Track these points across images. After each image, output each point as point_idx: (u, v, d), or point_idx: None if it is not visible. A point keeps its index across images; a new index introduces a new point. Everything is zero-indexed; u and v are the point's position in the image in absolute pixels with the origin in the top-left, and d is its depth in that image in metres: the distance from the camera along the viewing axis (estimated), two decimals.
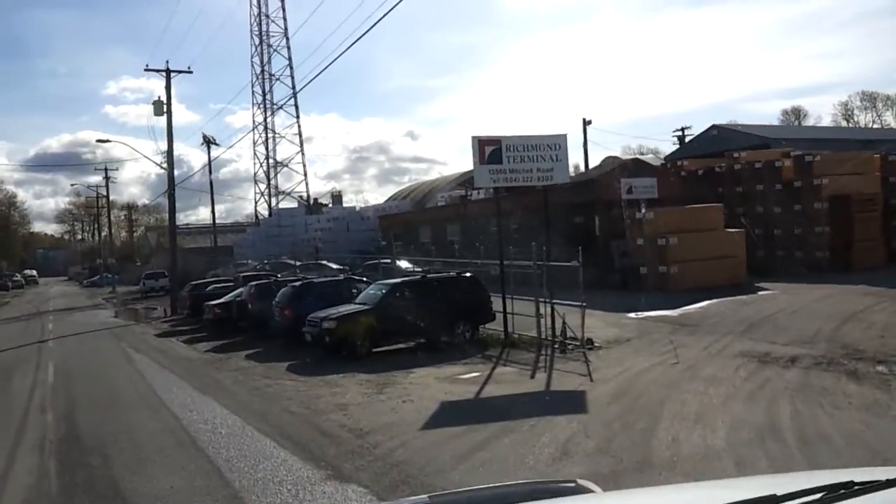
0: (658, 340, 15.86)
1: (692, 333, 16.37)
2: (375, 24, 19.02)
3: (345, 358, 15.79)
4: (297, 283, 19.41)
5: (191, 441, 9.42)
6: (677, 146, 56.53)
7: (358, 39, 28.04)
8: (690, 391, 10.71)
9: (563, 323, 16.17)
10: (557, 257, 17.03)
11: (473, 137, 16.28)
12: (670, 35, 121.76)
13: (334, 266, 36.02)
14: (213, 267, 43.14)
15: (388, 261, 23.93)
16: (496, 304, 16.86)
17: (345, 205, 61.23)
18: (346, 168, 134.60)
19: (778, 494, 1.72)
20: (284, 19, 66.57)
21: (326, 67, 67.97)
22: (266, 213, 66.67)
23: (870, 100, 75.63)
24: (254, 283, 22.25)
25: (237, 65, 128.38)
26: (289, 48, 68.12)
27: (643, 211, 26.34)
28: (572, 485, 2.41)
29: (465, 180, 57.10)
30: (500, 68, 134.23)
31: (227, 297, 23.86)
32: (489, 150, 16.24)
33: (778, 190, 29.89)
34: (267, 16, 64.70)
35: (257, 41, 65.32)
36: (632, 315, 19.76)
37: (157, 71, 31.98)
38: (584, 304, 15.36)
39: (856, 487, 1.79)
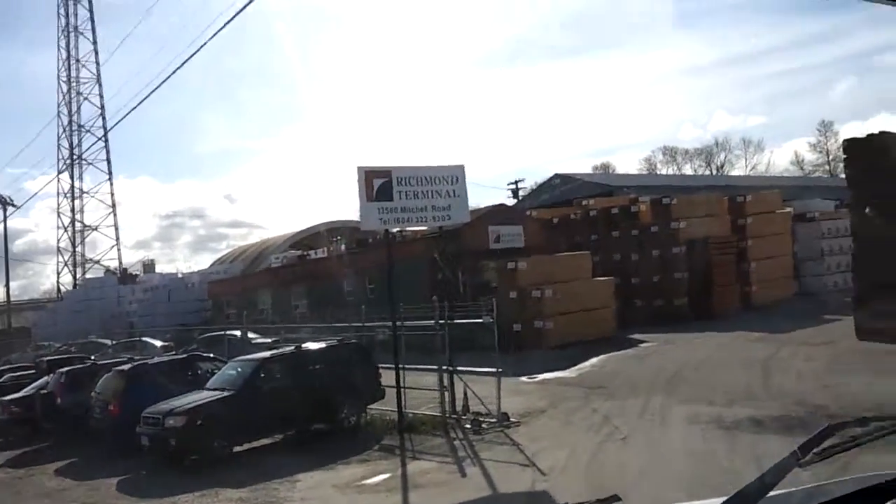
0: (577, 409, 13.67)
1: (609, 398, 14.30)
2: (186, 61, 17.00)
3: (197, 465, 12.12)
4: (125, 367, 15.19)
5: None
6: (513, 200, 56.51)
7: (171, 74, 24.76)
8: (693, 481, 8.32)
9: (466, 395, 13.59)
10: (422, 317, 15.14)
11: (359, 168, 13.45)
12: (471, 95, 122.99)
13: (158, 343, 31.21)
14: (8, 352, 36.49)
15: (237, 333, 20.05)
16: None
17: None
18: (157, 235, 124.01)
19: None
20: (97, 63, 59.51)
21: (140, 103, 60.52)
22: (70, 286, 58.99)
23: (670, 154, 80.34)
24: (64, 369, 17.62)
25: (38, 123, 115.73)
26: (101, 95, 60.94)
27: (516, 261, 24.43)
28: None
29: (299, 240, 53.65)
30: (316, 126, 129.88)
31: (26, 389, 18.93)
32: (378, 183, 13.44)
33: (635, 235, 29.28)
34: (77, 60, 58.03)
35: (65, 88, 58.33)
36: (524, 379, 17.55)
37: None
38: (501, 370, 12.84)
39: None
